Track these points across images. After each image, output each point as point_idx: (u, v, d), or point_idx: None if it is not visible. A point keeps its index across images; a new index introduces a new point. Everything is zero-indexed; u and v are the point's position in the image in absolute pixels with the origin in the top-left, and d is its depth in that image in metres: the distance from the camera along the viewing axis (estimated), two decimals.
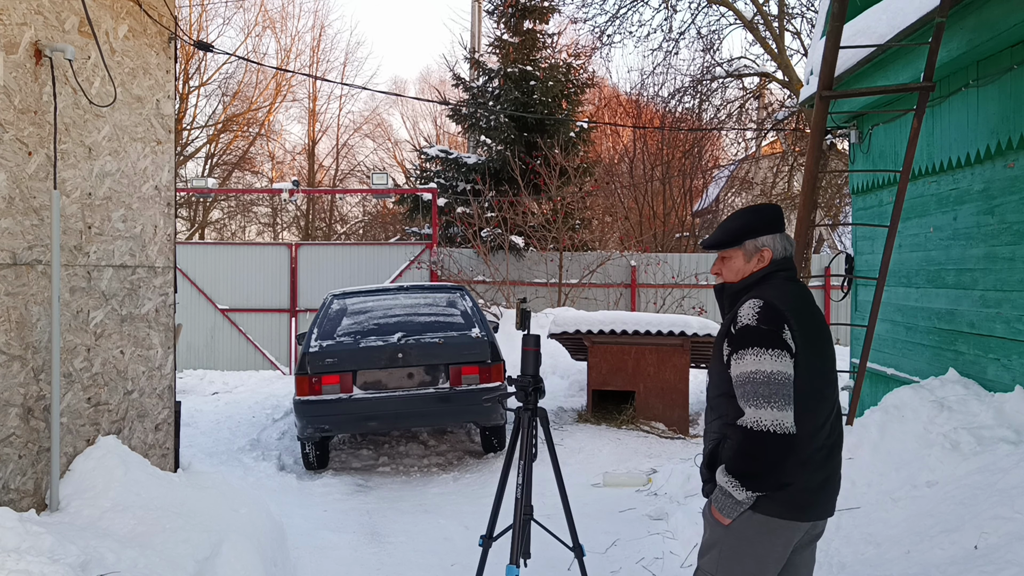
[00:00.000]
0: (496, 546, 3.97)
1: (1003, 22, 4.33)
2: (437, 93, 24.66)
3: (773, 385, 2.44)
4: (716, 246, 2.72)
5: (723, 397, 2.62)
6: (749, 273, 2.68)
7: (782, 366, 2.46)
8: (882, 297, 5.27)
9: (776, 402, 2.43)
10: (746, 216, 2.71)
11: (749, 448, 2.46)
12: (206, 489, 4.49)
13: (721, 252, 2.73)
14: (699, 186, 24.33)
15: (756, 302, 2.55)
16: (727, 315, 2.68)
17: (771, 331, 2.48)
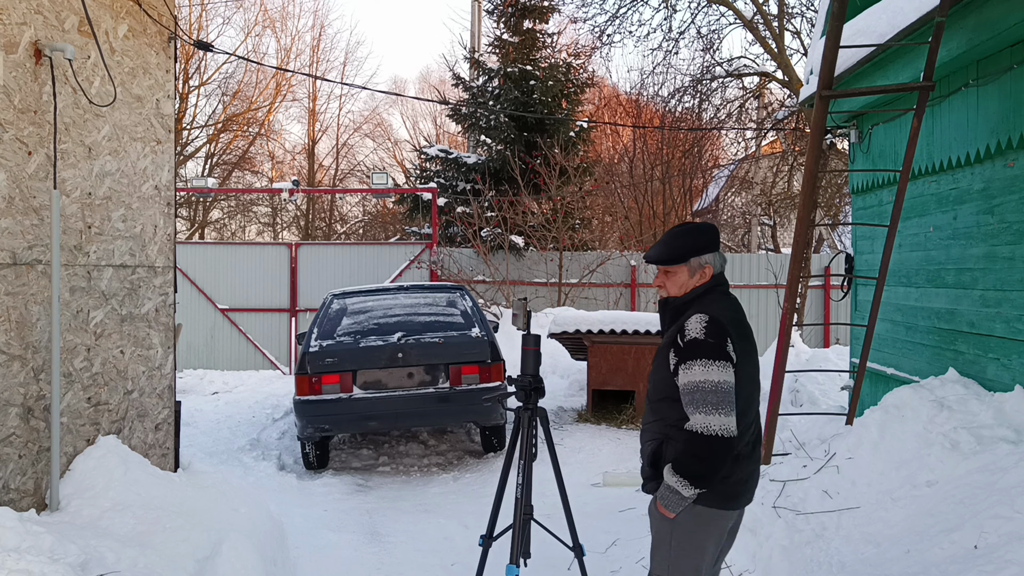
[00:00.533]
0: (496, 546, 3.97)
1: (1003, 21, 4.33)
2: (437, 93, 24.67)
3: (719, 394, 2.68)
4: (665, 262, 2.91)
5: (666, 401, 2.85)
6: (692, 288, 2.91)
7: (727, 376, 2.71)
8: (882, 297, 5.27)
9: (723, 409, 2.68)
10: (692, 235, 2.93)
11: (698, 450, 2.69)
12: (206, 489, 4.49)
13: (665, 267, 2.93)
14: (699, 186, 24.33)
15: (703, 317, 2.78)
16: (670, 326, 2.93)
17: (717, 344, 2.73)
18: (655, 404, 2.91)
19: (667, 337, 2.90)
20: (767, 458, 5.27)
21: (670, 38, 17.77)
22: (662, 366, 2.87)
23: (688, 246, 2.90)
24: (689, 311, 2.84)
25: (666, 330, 2.98)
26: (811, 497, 4.38)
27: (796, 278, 5.21)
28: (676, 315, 2.91)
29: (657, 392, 2.91)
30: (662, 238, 2.98)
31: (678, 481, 2.73)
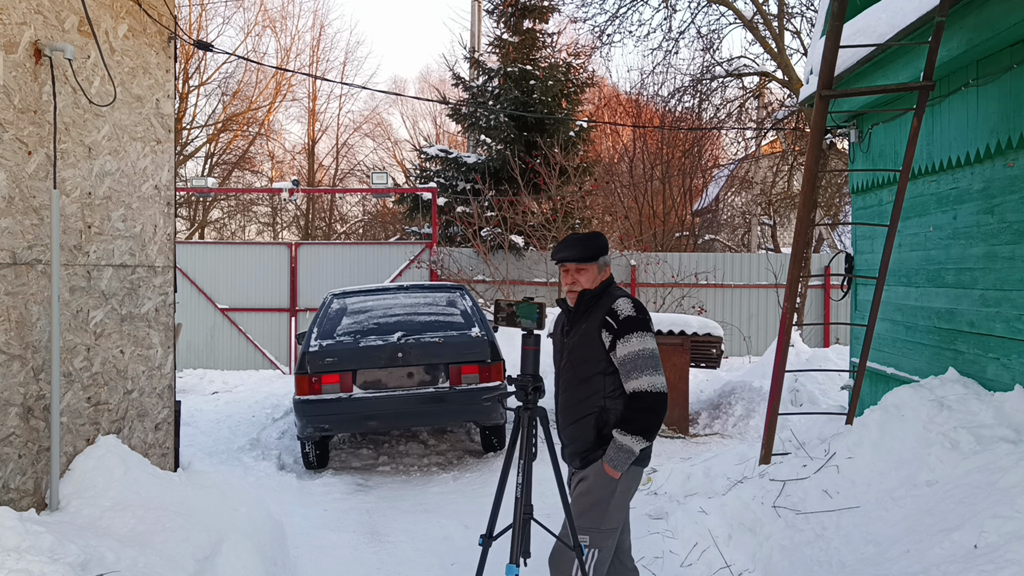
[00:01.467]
0: (496, 545, 3.97)
1: (1003, 21, 4.33)
2: (437, 92, 24.66)
3: (655, 359, 3.23)
4: (581, 260, 3.41)
5: (599, 376, 3.31)
6: (600, 282, 3.44)
7: (655, 344, 3.28)
8: (882, 296, 5.27)
9: (660, 370, 3.23)
10: (598, 239, 3.48)
11: (652, 405, 3.19)
12: (206, 488, 4.49)
13: (580, 266, 3.42)
14: (699, 185, 24.33)
15: (628, 300, 3.34)
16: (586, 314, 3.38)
17: (646, 319, 3.31)
18: (588, 380, 3.33)
19: (592, 321, 3.34)
20: (767, 458, 5.27)
21: (670, 38, 17.77)
22: (592, 347, 3.31)
23: (598, 248, 3.44)
24: (603, 300, 3.37)
25: (578, 319, 3.42)
26: (811, 497, 4.38)
27: (796, 278, 5.21)
28: (589, 305, 3.39)
29: (589, 370, 3.33)
30: (570, 243, 3.45)
31: (632, 439, 3.19)
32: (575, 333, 3.40)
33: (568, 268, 3.44)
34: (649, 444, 3.23)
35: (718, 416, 9.08)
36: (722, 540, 4.67)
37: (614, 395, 3.29)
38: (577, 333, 3.39)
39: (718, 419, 8.99)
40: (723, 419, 8.93)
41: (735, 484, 5.24)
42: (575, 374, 3.37)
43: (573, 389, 3.38)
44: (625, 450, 3.18)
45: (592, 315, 3.35)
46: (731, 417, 8.89)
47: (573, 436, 3.38)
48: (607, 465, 3.23)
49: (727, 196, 24.18)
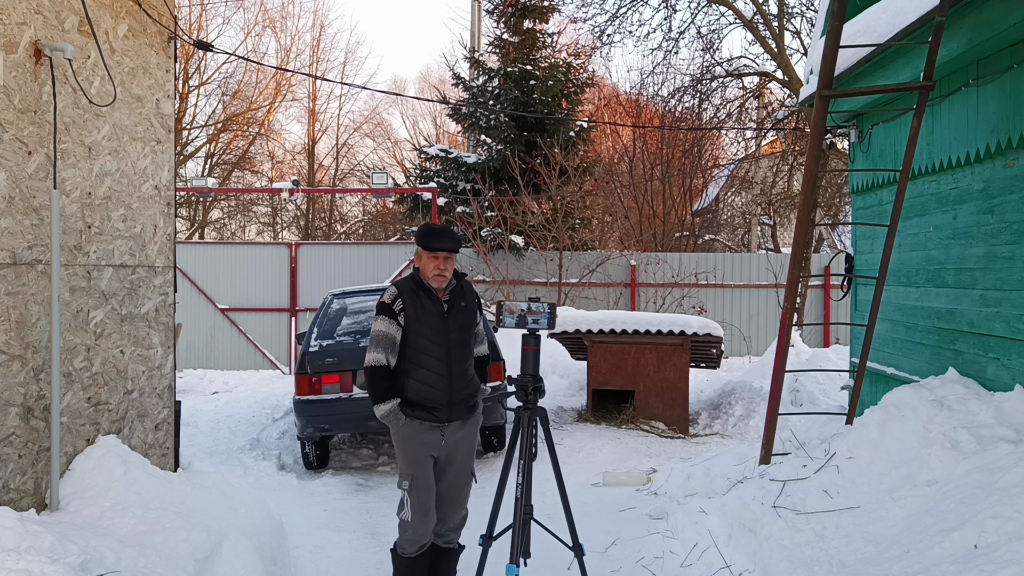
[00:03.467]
0: (496, 545, 3.97)
1: (1003, 21, 4.33)
2: (437, 92, 24.65)
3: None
4: (456, 251, 4.04)
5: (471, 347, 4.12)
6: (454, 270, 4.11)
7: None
8: (882, 296, 5.26)
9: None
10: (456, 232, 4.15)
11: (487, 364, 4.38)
12: (206, 488, 4.49)
13: (451, 255, 4.03)
14: (699, 185, 24.33)
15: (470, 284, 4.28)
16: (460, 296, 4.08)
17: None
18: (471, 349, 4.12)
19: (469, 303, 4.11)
20: (767, 458, 5.27)
21: (670, 38, 17.76)
22: (474, 321, 4.12)
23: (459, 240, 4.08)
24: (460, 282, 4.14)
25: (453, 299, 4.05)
26: (811, 497, 4.38)
27: (796, 278, 5.21)
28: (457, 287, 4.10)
29: (471, 340, 4.12)
30: (447, 234, 4.02)
31: (487, 388, 4.31)
32: (457, 311, 4.04)
33: (439, 256, 3.99)
34: None
35: (718, 416, 9.08)
36: (722, 540, 4.67)
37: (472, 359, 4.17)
38: (460, 311, 4.05)
39: (718, 419, 8.99)
40: (723, 419, 8.93)
41: (735, 484, 5.24)
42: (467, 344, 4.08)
43: (466, 356, 4.07)
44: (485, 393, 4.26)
45: (464, 297, 4.09)
46: (731, 417, 8.89)
47: (466, 393, 4.04)
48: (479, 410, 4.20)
49: (727, 196, 24.18)
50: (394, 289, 4.06)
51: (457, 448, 4.05)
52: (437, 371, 3.95)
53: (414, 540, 3.97)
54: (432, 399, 3.94)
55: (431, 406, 3.94)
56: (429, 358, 3.95)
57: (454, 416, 4.00)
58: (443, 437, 3.98)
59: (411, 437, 3.96)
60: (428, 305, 3.99)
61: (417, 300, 4.00)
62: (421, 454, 3.95)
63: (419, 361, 3.95)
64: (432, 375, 3.95)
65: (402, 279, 4.12)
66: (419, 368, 3.95)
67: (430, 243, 3.99)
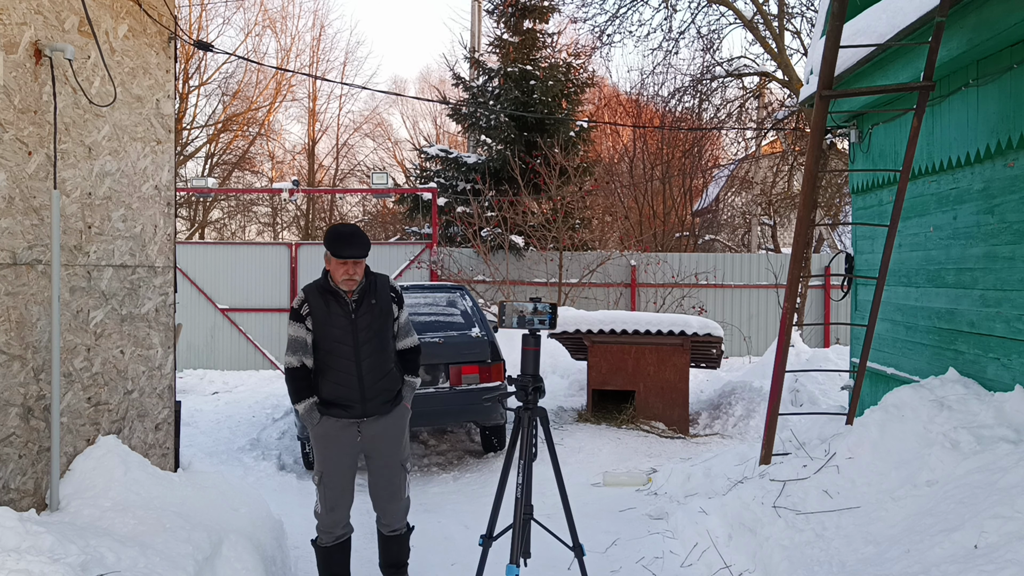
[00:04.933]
0: (496, 545, 3.97)
1: (1003, 21, 4.33)
2: (437, 92, 24.65)
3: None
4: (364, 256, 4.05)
5: (392, 339, 4.26)
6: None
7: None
8: (882, 296, 5.27)
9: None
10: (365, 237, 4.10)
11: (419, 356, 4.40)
12: (206, 488, 4.49)
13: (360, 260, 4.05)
14: (699, 185, 24.33)
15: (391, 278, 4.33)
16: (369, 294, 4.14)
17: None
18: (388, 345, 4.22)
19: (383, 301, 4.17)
20: (767, 458, 5.27)
21: (670, 38, 17.77)
22: (389, 318, 4.20)
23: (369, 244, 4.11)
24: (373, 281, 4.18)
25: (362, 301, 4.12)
26: (811, 497, 4.38)
27: (796, 278, 5.21)
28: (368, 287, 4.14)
29: (388, 337, 4.22)
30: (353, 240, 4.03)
31: (416, 379, 4.36)
32: (365, 310, 4.11)
33: (348, 262, 4.03)
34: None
35: (718, 416, 9.08)
36: (722, 540, 4.67)
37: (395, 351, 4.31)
38: (368, 311, 4.12)
39: (718, 419, 8.99)
40: (723, 419, 8.93)
41: (735, 484, 5.24)
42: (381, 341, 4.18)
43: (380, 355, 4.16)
44: (412, 387, 4.33)
45: (377, 295, 4.16)
46: (731, 417, 8.89)
47: (384, 388, 4.18)
48: (407, 403, 4.32)
49: (727, 196, 24.18)
50: (302, 294, 4.18)
51: (379, 442, 4.23)
52: (347, 370, 4.10)
53: (326, 531, 4.25)
54: (345, 397, 4.12)
55: (344, 404, 4.12)
56: (338, 358, 4.10)
57: (369, 412, 4.16)
58: (359, 433, 4.17)
59: (325, 435, 4.16)
60: (335, 307, 4.10)
61: (323, 303, 4.11)
62: (333, 451, 4.17)
63: (330, 362, 4.11)
64: (342, 374, 4.10)
65: (311, 283, 4.23)
66: (330, 368, 4.11)
67: (338, 250, 4.03)
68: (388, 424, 4.24)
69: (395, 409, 4.27)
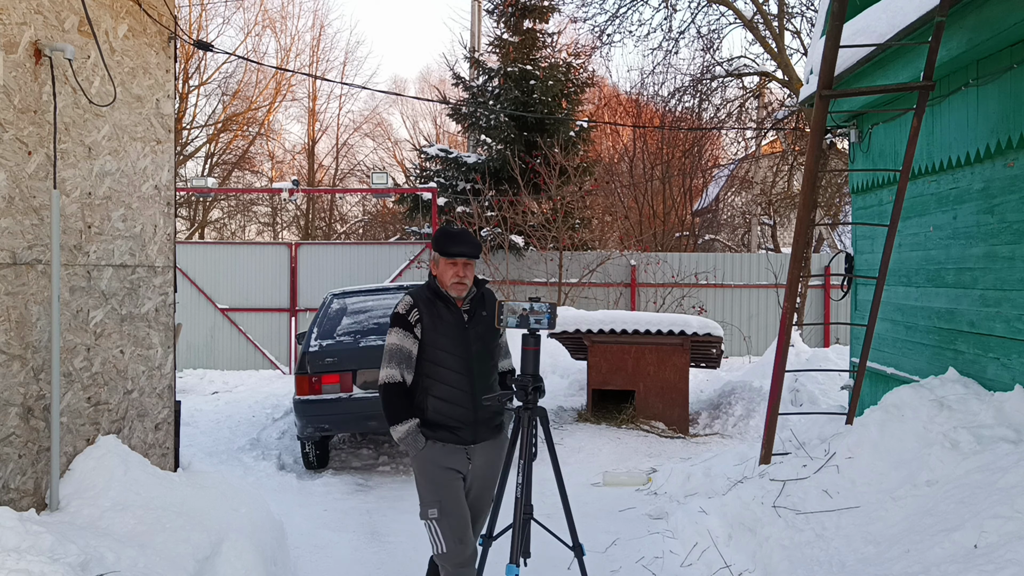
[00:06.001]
0: (496, 545, 3.97)
1: (1003, 21, 4.33)
2: (437, 92, 24.64)
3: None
4: (475, 256, 3.71)
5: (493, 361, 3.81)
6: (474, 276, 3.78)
7: None
8: (882, 296, 5.27)
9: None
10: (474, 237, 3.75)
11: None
12: (206, 488, 4.49)
13: (470, 261, 3.70)
14: (699, 185, 24.33)
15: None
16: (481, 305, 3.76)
17: None
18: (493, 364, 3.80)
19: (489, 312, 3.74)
20: (767, 458, 5.27)
21: (670, 38, 17.77)
22: (495, 333, 3.78)
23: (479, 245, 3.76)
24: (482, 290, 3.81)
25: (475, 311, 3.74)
26: (811, 497, 4.38)
27: (796, 278, 5.21)
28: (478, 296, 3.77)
29: (495, 354, 3.81)
30: (466, 238, 3.70)
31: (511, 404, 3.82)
32: (477, 321, 3.73)
33: (458, 262, 3.66)
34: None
35: (718, 416, 9.08)
36: (722, 540, 4.67)
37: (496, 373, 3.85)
38: (480, 322, 3.73)
39: (718, 419, 8.99)
40: (723, 419, 8.93)
41: (735, 484, 5.24)
42: (491, 357, 3.78)
43: (490, 371, 3.78)
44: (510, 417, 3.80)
45: (487, 306, 3.77)
46: (731, 417, 8.89)
47: (491, 411, 3.74)
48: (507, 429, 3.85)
49: (727, 196, 24.18)
50: (408, 299, 3.69)
51: (484, 474, 3.76)
52: (458, 387, 3.62)
53: (460, 565, 3.63)
54: (454, 418, 3.62)
55: (453, 426, 3.62)
56: (449, 372, 3.62)
57: (479, 436, 3.69)
58: (469, 460, 3.68)
59: (433, 460, 3.61)
60: (446, 315, 3.66)
61: (434, 310, 3.66)
62: (447, 477, 3.63)
63: (438, 376, 3.62)
64: (453, 391, 3.62)
65: (417, 287, 3.80)
66: (438, 384, 3.62)
67: (447, 247, 3.64)
68: (495, 455, 3.75)
69: (499, 437, 3.80)
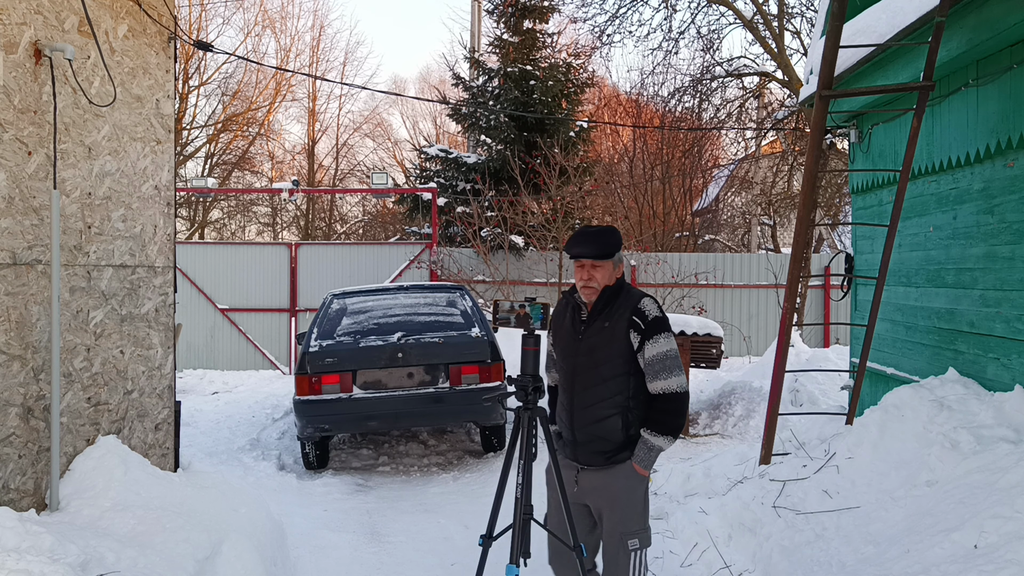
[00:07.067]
0: (496, 545, 3.97)
1: (1003, 21, 4.33)
2: (437, 92, 24.64)
3: (679, 358, 3.29)
4: (600, 257, 3.32)
5: (624, 376, 3.29)
6: (615, 279, 3.38)
7: (676, 344, 3.33)
8: (882, 296, 5.27)
9: (683, 369, 3.28)
10: (614, 235, 3.39)
11: (680, 406, 3.24)
12: (206, 489, 4.49)
13: (597, 262, 3.33)
14: (699, 185, 24.33)
15: (652, 300, 3.35)
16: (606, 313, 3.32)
17: (667, 319, 3.33)
18: (610, 382, 3.29)
19: (617, 322, 3.29)
20: (767, 458, 5.27)
21: (670, 38, 17.78)
22: (617, 347, 3.28)
23: (614, 244, 3.36)
24: (623, 298, 3.34)
25: (596, 317, 3.34)
26: (811, 497, 4.38)
27: (796, 278, 5.21)
28: (609, 304, 3.34)
29: (613, 369, 3.29)
30: (587, 238, 3.35)
31: (663, 439, 3.25)
32: (593, 331, 3.33)
33: (584, 264, 3.34)
34: (678, 439, 3.33)
35: (718, 416, 9.08)
36: (722, 540, 4.67)
37: (638, 395, 3.29)
38: (596, 332, 3.32)
39: (718, 419, 8.98)
40: (723, 419, 8.93)
41: (735, 484, 5.24)
42: (598, 373, 3.31)
43: (594, 388, 3.32)
44: (655, 450, 3.24)
45: (615, 314, 3.29)
46: (731, 417, 8.88)
47: (595, 436, 3.33)
48: (637, 465, 3.27)
49: (727, 196, 24.18)
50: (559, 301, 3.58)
51: (598, 502, 3.41)
52: (563, 401, 3.46)
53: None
54: (561, 430, 3.49)
55: (563, 438, 3.50)
56: (561, 381, 3.48)
57: (580, 458, 3.41)
58: (576, 482, 3.44)
59: (549, 469, 3.45)
60: (567, 322, 3.46)
61: (562, 316, 3.50)
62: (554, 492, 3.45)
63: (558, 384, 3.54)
64: (561, 403, 3.48)
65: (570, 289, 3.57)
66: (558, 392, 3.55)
67: (569, 248, 3.37)
68: (607, 482, 3.34)
69: (616, 468, 3.32)
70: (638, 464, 3.26)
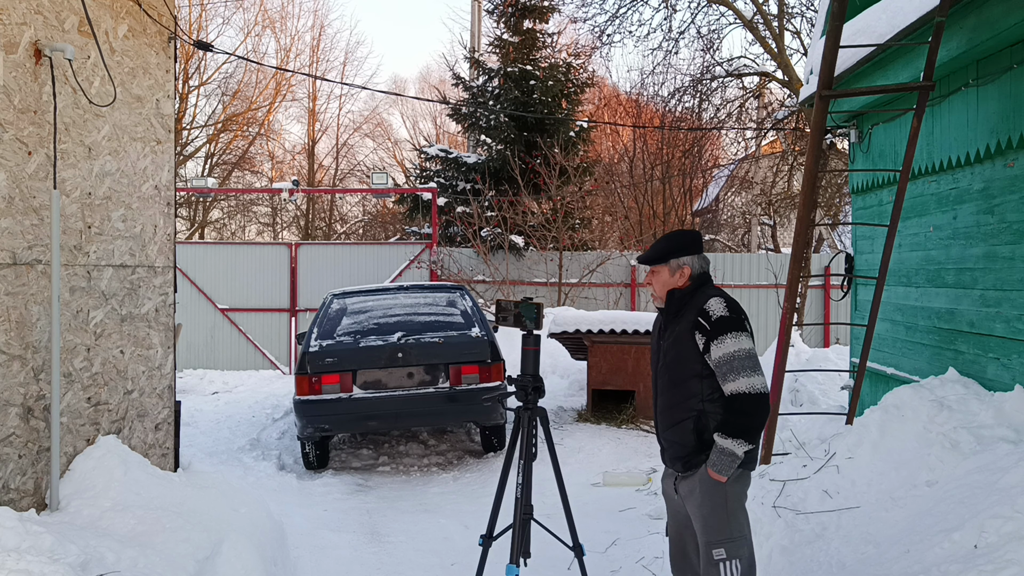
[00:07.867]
0: (496, 545, 3.97)
1: (1003, 21, 4.33)
2: (437, 92, 24.64)
3: (752, 358, 3.12)
4: (649, 262, 3.34)
5: (695, 379, 3.20)
6: (673, 286, 3.32)
7: (751, 343, 3.17)
8: (882, 296, 5.26)
9: (758, 370, 3.11)
10: (672, 240, 3.36)
11: (751, 408, 3.07)
12: (206, 489, 4.49)
13: (652, 267, 3.34)
14: (699, 185, 24.32)
15: (720, 299, 3.20)
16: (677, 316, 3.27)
17: (738, 319, 3.18)
18: (681, 386, 3.22)
19: (683, 324, 3.23)
20: (767, 458, 5.27)
21: (670, 38, 17.77)
22: (685, 349, 3.20)
23: (667, 249, 3.31)
24: (693, 300, 3.25)
25: (670, 323, 3.32)
26: (811, 497, 4.38)
27: (796, 278, 5.21)
28: (680, 307, 3.28)
29: (683, 374, 3.22)
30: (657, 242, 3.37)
31: (734, 443, 3.07)
32: (668, 335, 3.30)
33: (649, 272, 3.40)
34: (754, 446, 3.10)
35: None
36: None
37: (712, 398, 3.17)
38: (671, 335, 3.29)
39: None
40: None
41: None
42: (670, 378, 3.28)
43: (669, 393, 3.29)
44: (727, 454, 3.07)
45: (683, 317, 3.25)
46: None
47: (672, 440, 3.30)
48: (711, 470, 3.13)
49: (727, 196, 24.18)
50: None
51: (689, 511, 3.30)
52: (654, 405, 3.43)
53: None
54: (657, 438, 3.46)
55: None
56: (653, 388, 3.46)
57: (668, 462, 3.39)
58: (676, 491, 3.36)
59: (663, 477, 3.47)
60: (656, 328, 3.47)
61: (658, 321, 3.48)
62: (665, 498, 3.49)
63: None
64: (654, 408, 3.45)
65: None
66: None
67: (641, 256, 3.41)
68: (691, 488, 3.25)
69: (694, 474, 3.24)
70: (711, 468, 3.12)
